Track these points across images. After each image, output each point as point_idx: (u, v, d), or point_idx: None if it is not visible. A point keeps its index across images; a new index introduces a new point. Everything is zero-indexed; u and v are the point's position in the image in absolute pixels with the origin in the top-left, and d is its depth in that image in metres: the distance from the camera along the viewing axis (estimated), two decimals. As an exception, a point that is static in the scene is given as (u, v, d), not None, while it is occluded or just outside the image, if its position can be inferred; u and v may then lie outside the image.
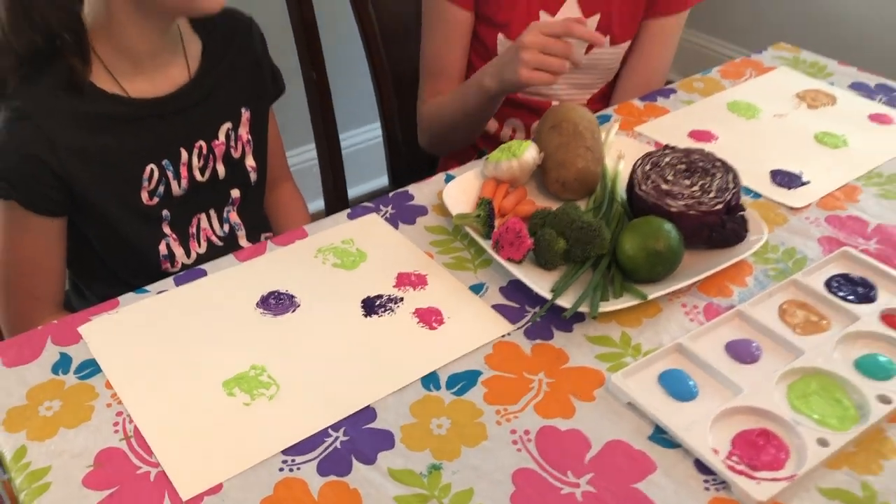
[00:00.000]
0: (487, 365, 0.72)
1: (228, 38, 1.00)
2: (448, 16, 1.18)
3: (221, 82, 0.98)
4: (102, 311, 0.78)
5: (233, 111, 1.00)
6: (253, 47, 1.04)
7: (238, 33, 1.02)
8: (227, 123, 0.99)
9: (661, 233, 0.79)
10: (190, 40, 0.97)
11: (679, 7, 1.20)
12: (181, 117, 0.94)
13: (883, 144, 1.03)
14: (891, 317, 0.76)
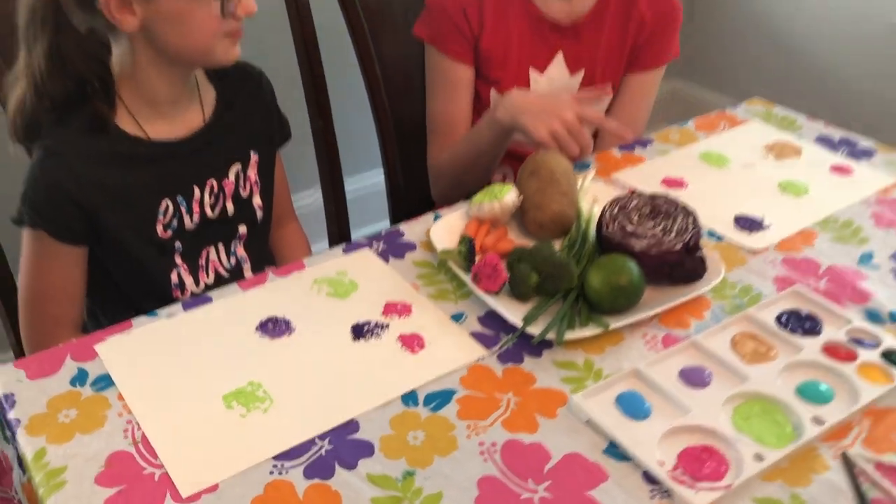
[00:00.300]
0: (462, 385, 0.80)
1: (240, 88, 1.11)
2: (451, 74, 1.27)
3: (233, 127, 1.08)
4: (117, 331, 0.86)
5: (243, 154, 1.09)
6: (262, 97, 1.14)
7: (249, 84, 1.12)
8: (237, 165, 1.08)
9: (624, 269, 0.87)
10: (205, 89, 1.07)
11: (656, 64, 1.29)
12: (195, 158, 1.03)
13: (841, 193, 1.11)
14: (832, 348, 0.83)
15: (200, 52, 0.97)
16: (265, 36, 1.87)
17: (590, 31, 1.26)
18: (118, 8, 0.91)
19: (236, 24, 0.96)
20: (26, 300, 1.00)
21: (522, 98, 1.13)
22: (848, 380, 0.79)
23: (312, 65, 1.45)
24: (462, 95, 1.28)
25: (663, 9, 1.28)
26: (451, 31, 1.24)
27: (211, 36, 0.95)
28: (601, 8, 1.25)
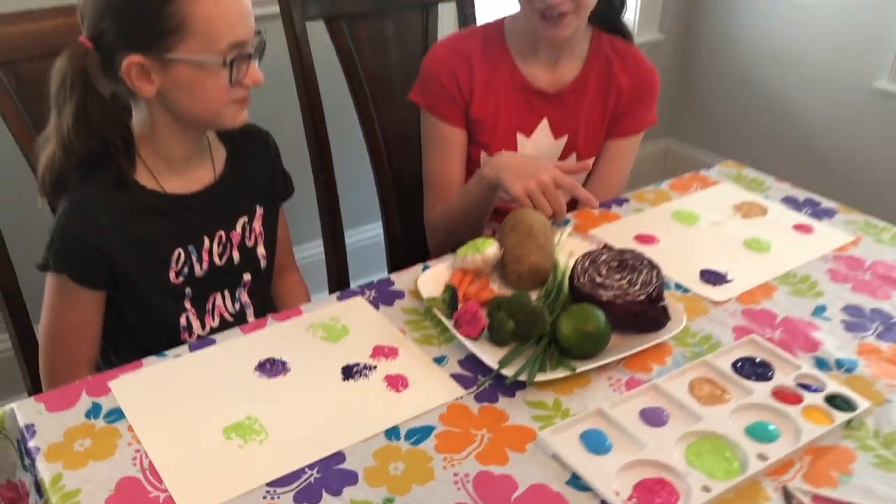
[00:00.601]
0: (441, 422, 0.87)
1: (248, 148, 1.21)
2: (444, 136, 1.36)
3: (241, 183, 1.18)
4: (129, 370, 0.94)
5: (249, 207, 1.19)
6: (268, 156, 1.24)
7: (256, 144, 1.23)
8: (244, 217, 1.18)
9: (592, 317, 0.95)
10: (217, 148, 1.17)
11: (633, 131, 1.39)
12: (206, 211, 1.13)
13: (801, 250, 1.19)
14: (780, 392, 0.91)
15: (210, 117, 1.06)
16: (274, 98, 1.99)
17: (573, 99, 1.36)
18: (138, 77, 1.01)
19: (244, 92, 1.06)
20: (47, 339, 1.09)
21: (508, 158, 1.22)
22: (793, 421, 0.86)
23: (316, 125, 1.56)
24: (455, 155, 1.38)
25: (641, 81, 1.38)
26: (443, 98, 1.34)
27: (220, 103, 1.04)
28: (584, 78, 1.36)
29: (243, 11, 1.02)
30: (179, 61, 0.99)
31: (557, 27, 1.24)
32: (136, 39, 0.99)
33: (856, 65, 2.51)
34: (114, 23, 0.99)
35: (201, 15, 0.98)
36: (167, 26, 0.97)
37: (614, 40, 1.39)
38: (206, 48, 0.99)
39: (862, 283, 1.12)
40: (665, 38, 2.91)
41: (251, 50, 1.04)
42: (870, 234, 1.24)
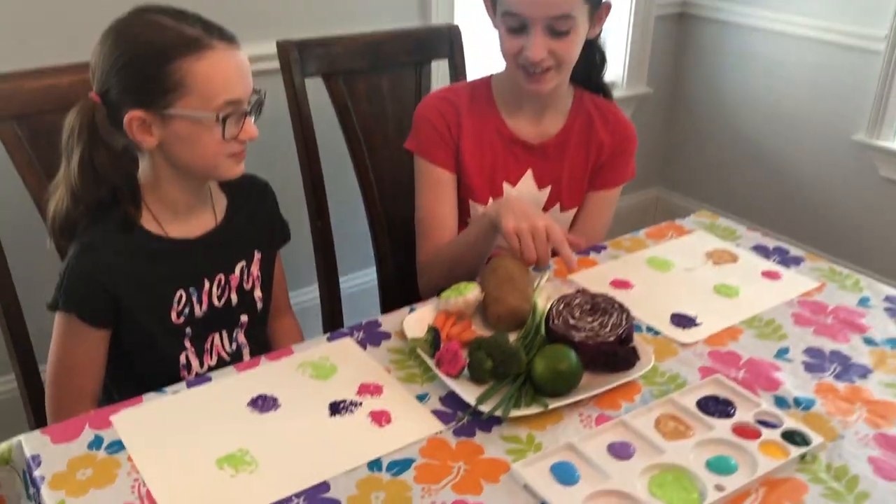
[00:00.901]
0: (420, 455, 0.93)
1: (248, 197, 1.28)
2: (437, 178, 1.42)
3: (240, 230, 1.25)
4: (130, 405, 1.00)
5: (247, 252, 1.26)
6: (266, 205, 1.32)
7: (255, 193, 1.30)
8: (242, 261, 1.25)
9: (564, 357, 1.02)
10: (218, 196, 1.25)
11: (613, 184, 1.47)
12: (207, 254, 1.20)
13: (768, 296, 1.26)
14: (740, 428, 0.97)
15: (207, 169, 1.14)
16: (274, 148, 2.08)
17: (556, 152, 1.44)
18: (139, 130, 1.09)
19: (239, 146, 1.13)
20: (53, 374, 1.16)
21: (513, 200, 1.27)
22: (750, 454, 0.92)
23: (313, 173, 1.64)
24: (447, 196, 1.43)
25: (620, 136, 1.47)
26: (434, 140, 1.41)
27: (215, 156, 1.11)
28: (566, 132, 1.44)
29: (239, 73, 1.10)
30: (177, 117, 1.07)
31: (540, 82, 1.33)
32: (138, 96, 1.07)
33: (835, 118, 2.61)
34: (119, 81, 1.08)
35: (198, 75, 1.06)
36: (167, 85, 1.06)
37: (595, 98, 1.47)
38: (203, 105, 1.07)
39: (824, 327, 1.18)
40: (653, 91, 3.01)
41: (247, 107, 1.11)
42: (834, 280, 1.31)
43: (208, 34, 1.08)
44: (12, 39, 1.73)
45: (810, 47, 2.62)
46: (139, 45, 1.06)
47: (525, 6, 1.27)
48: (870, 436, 0.97)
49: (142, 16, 1.09)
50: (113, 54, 1.07)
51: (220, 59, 1.07)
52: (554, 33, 1.28)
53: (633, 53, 2.89)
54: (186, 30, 1.07)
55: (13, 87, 1.26)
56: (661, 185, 3.29)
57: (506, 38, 1.32)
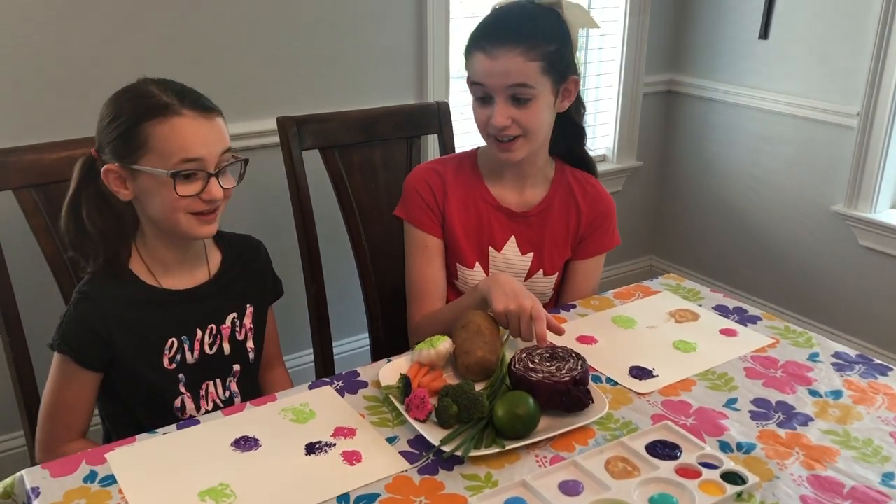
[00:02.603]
0: (386, 490, 1.01)
1: (241, 253, 1.39)
2: (425, 242, 1.52)
3: (232, 284, 1.36)
4: (124, 444, 1.10)
5: (239, 306, 1.36)
6: (259, 262, 1.43)
7: (249, 251, 1.41)
8: (234, 313, 1.35)
9: (522, 402, 1.10)
10: (212, 252, 1.36)
11: (597, 252, 1.58)
12: (198, 305, 1.31)
13: (724, 351, 1.34)
14: (683, 469, 1.04)
15: (170, 224, 1.22)
16: (273, 215, 2.22)
17: (538, 220, 1.54)
18: (115, 181, 1.21)
19: (201, 205, 1.21)
20: (47, 406, 1.26)
21: (504, 279, 1.35)
22: (689, 492, 1.00)
23: (309, 239, 1.76)
24: (435, 260, 1.53)
25: (599, 207, 1.58)
26: (422, 208, 1.51)
27: (174, 211, 1.20)
28: (548, 201, 1.55)
29: (201, 136, 1.19)
30: (141, 172, 1.19)
31: (510, 150, 1.44)
32: (115, 150, 1.20)
33: (815, 190, 2.72)
34: (105, 136, 1.21)
35: (159, 136, 1.17)
36: (135, 143, 1.18)
37: (575, 171, 1.59)
38: (160, 163, 1.18)
39: (773, 380, 1.26)
40: (643, 164, 3.14)
41: (211, 169, 1.20)
42: (787, 338, 1.39)
43: (180, 102, 1.19)
44: (35, 115, 1.89)
45: (790, 123, 2.75)
46: (122, 108, 1.20)
47: (485, 76, 1.40)
48: (804, 477, 1.04)
49: (137, 85, 1.23)
50: (106, 114, 1.22)
51: (182, 125, 1.18)
52: (516, 101, 1.40)
53: (623, 129, 3.04)
54: (162, 98, 1.19)
55: (34, 159, 1.40)
56: (653, 253, 3.40)
57: (476, 108, 1.45)
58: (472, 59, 1.41)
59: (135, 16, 1.96)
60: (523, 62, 1.37)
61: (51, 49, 1.88)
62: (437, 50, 2.43)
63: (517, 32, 1.38)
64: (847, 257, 2.68)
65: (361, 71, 2.34)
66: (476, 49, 1.40)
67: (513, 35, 1.37)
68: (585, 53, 2.91)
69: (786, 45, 2.72)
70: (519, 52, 1.37)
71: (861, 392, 1.24)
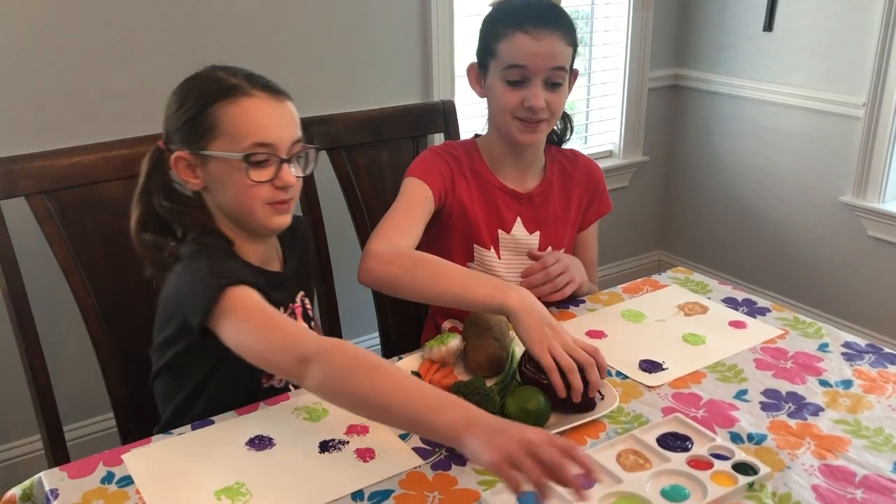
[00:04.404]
0: (399, 486, 1.02)
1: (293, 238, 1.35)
2: (424, 193, 1.45)
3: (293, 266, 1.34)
4: (140, 445, 1.11)
5: (304, 284, 1.35)
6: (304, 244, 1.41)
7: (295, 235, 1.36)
8: (301, 291, 1.34)
9: (533, 398, 1.11)
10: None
11: (594, 219, 1.64)
12: (284, 285, 1.29)
13: (733, 343, 1.35)
14: (694, 461, 1.05)
15: (244, 214, 1.18)
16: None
17: (541, 199, 1.56)
18: (184, 170, 1.18)
19: (278, 194, 1.17)
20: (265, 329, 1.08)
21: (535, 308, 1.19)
22: (701, 483, 1.00)
23: (318, 238, 1.77)
24: (424, 212, 1.44)
25: (592, 177, 1.63)
26: (434, 172, 1.48)
27: (249, 199, 1.16)
28: (546, 182, 1.58)
29: (273, 119, 1.16)
30: (212, 158, 1.16)
31: (535, 132, 1.47)
32: (184, 137, 1.18)
33: (823, 181, 2.72)
34: (172, 125, 1.19)
35: (229, 117, 1.15)
36: (203, 127, 1.16)
37: (560, 149, 1.64)
38: (231, 146, 1.14)
39: (783, 371, 1.27)
40: (649, 159, 3.14)
41: (283, 155, 1.17)
42: (797, 328, 1.40)
43: (249, 84, 1.17)
44: (44, 122, 1.91)
45: (796, 115, 2.75)
46: (189, 94, 1.18)
47: (529, 57, 1.41)
48: (815, 466, 1.04)
49: (203, 71, 1.22)
50: (173, 102, 1.20)
51: (253, 105, 1.15)
52: (550, 85, 1.44)
53: (629, 124, 3.04)
54: (230, 80, 1.17)
55: (45, 165, 1.41)
56: (661, 248, 3.40)
57: (505, 92, 1.45)
58: (512, 41, 1.42)
59: (139, 21, 1.98)
60: (563, 46, 1.43)
61: (59, 55, 1.90)
62: (441, 49, 2.44)
63: (557, 16, 1.43)
64: (855, 248, 2.68)
65: (366, 71, 2.35)
66: (517, 30, 1.41)
67: (554, 18, 1.42)
68: (590, 49, 2.92)
69: (790, 36, 2.71)
70: (560, 37, 1.42)
71: (871, 381, 1.24)
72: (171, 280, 1.20)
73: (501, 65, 1.44)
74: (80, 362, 1.68)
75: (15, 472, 2.08)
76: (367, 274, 1.33)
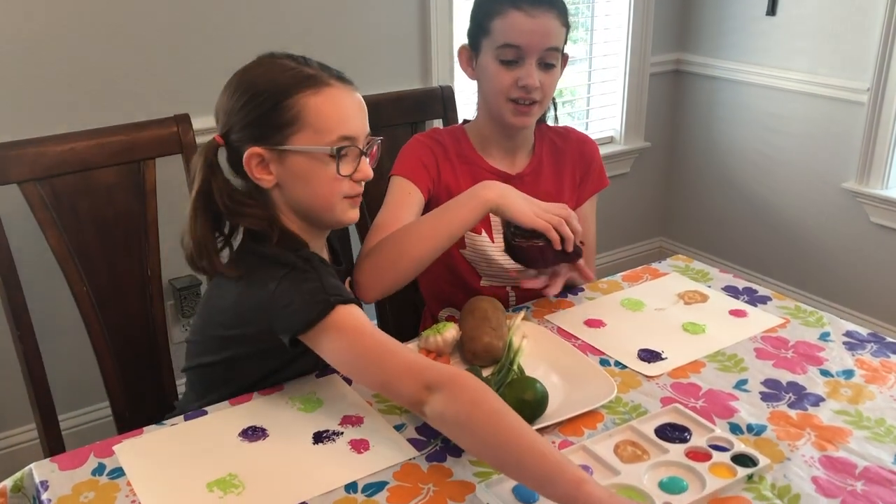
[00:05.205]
0: (394, 478, 1.01)
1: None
2: (409, 190, 1.44)
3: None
4: (132, 436, 1.10)
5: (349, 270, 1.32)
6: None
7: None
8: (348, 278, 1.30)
9: (529, 387, 1.10)
10: None
11: (591, 194, 1.60)
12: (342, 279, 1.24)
13: (733, 332, 1.33)
14: (693, 452, 1.03)
15: (324, 209, 1.14)
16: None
17: (532, 178, 1.54)
18: (257, 167, 1.12)
19: (355, 188, 1.15)
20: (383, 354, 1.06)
21: (508, 189, 1.30)
22: (700, 475, 0.99)
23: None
24: (411, 208, 1.43)
25: (584, 151, 1.59)
26: (417, 167, 1.47)
27: (331, 194, 1.13)
28: (536, 161, 1.55)
29: (354, 110, 1.14)
30: (293, 152, 1.10)
31: (527, 114, 1.45)
32: (256, 132, 1.11)
33: (826, 167, 2.70)
34: (239, 119, 1.12)
35: (313, 109, 1.09)
36: (283, 120, 1.09)
37: (551, 127, 1.61)
38: (318, 140, 1.10)
39: (783, 360, 1.25)
40: (651, 145, 3.12)
41: (362, 147, 1.14)
42: (798, 317, 1.38)
43: (326, 73, 1.13)
44: (36, 107, 1.89)
45: (799, 100, 2.72)
46: (259, 84, 1.11)
47: (524, 36, 1.39)
48: (815, 458, 1.03)
49: (265, 60, 1.15)
50: (235, 94, 1.12)
51: (335, 95, 1.11)
52: (544, 66, 1.42)
53: (630, 109, 3.02)
54: (304, 69, 1.12)
55: (38, 152, 1.39)
56: (663, 234, 3.37)
57: (498, 72, 1.42)
58: (507, 19, 1.40)
59: (135, 9, 1.95)
60: (558, 26, 1.41)
61: (53, 42, 1.87)
62: (440, 34, 2.42)
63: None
64: (858, 235, 2.66)
65: (364, 56, 2.32)
66: (512, 7, 1.39)
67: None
68: (591, 34, 2.89)
69: (794, 21, 2.68)
70: (555, 16, 1.40)
71: (873, 371, 1.22)
72: (261, 285, 1.11)
73: (495, 43, 1.42)
74: (75, 350, 1.67)
75: (13, 460, 2.08)
76: (369, 298, 1.31)
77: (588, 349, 1.29)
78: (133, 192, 1.47)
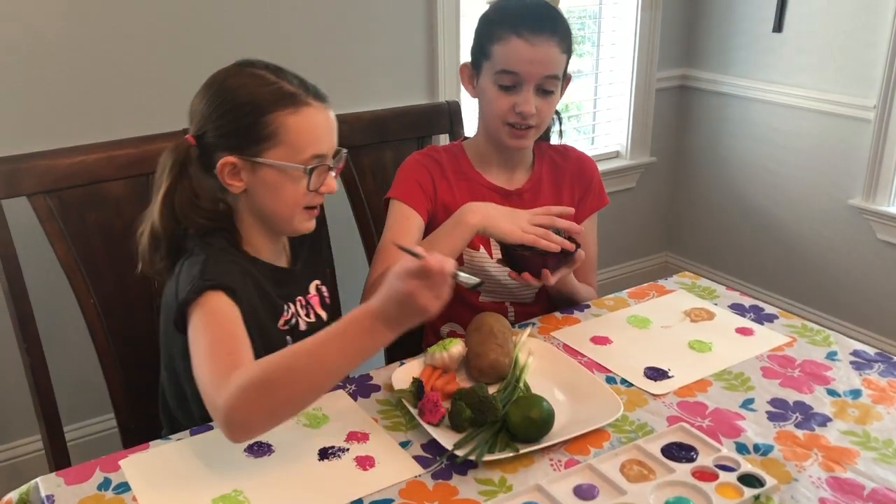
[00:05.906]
0: (399, 495, 1.01)
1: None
2: (407, 214, 1.46)
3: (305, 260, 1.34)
4: (138, 450, 1.10)
5: (319, 272, 1.36)
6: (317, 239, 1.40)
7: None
8: (317, 280, 1.33)
9: (536, 406, 1.09)
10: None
11: (591, 212, 1.60)
12: (292, 279, 1.29)
13: (739, 350, 1.33)
14: (699, 472, 1.03)
15: (284, 219, 1.20)
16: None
17: (531, 195, 1.55)
18: (229, 174, 1.16)
19: (318, 199, 1.20)
20: (210, 355, 1.04)
21: (488, 208, 1.37)
22: (706, 495, 0.98)
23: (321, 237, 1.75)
24: (411, 233, 1.44)
25: (584, 169, 1.59)
26: (413, 190, 1.48)
27: (295, 206, 1.19)
28: (535, 178, 1.56)
29: (327, 130, 1.18)
30: (266, 165, 1.15)
31: (523, 138, 1.46)
32: (233, 142, 1.15)
33: (832, 184, 2.69)
34: (216, 126, 1.16)
35: (292, 128, 1.14)
36: (261, 135, 1.14)
37: (551, 145, 1.61)
38: (291, 157, 1.15)
39: (790, 380, 1.25)
40: (657, 160, 3.12)
41: (330, 163, 1.19)
42: (805, 336, 1.38)
43: (305, 91, 1.16)
44: (46, 120, 1.90)
45: (806, 117, 2.72)
46: (239, 97, 1.15)
47: (523, 63, 1.39)
48: (823, 479, 1.02)
49: (245, 69, 1.18)
50: (214, 102, 1.16)
51: (312, 115, 1.16)
52: (541, 93, 1.42)
53: (636, 124, 3.02)
54: (285, 86, 1.15)
55: (48, 164, 1.40)
56: (668, 250, 3.37)
57: (497, 96, 1.43)
58: (507, 45, 1.40)
59: (148, 24, 1.96)
60: (558, 53, 1.41)
61: (61, 54, 1.88)
62: (447, 49, 2.43)
63: (553, 22, 1.41)
64: (865, 252, 2.65)
65: (371, 71, 2.33)
66: (513, 34, 1.39)
67: (550, 24, 1.40)
68: (598, 49, 2.89)
69: (800, 38, 2.69)
70: (555, 43, 1.40)
71: (881, 391, 1.22)
72: (173, 281, 1.19)
73: (494, 68, 1.43)
74: (81, 362, 1.68)
75: (16, 472, 2.08)
76: None
77: (594, 366, 1.29)
78: (141, 205, 1.46)
